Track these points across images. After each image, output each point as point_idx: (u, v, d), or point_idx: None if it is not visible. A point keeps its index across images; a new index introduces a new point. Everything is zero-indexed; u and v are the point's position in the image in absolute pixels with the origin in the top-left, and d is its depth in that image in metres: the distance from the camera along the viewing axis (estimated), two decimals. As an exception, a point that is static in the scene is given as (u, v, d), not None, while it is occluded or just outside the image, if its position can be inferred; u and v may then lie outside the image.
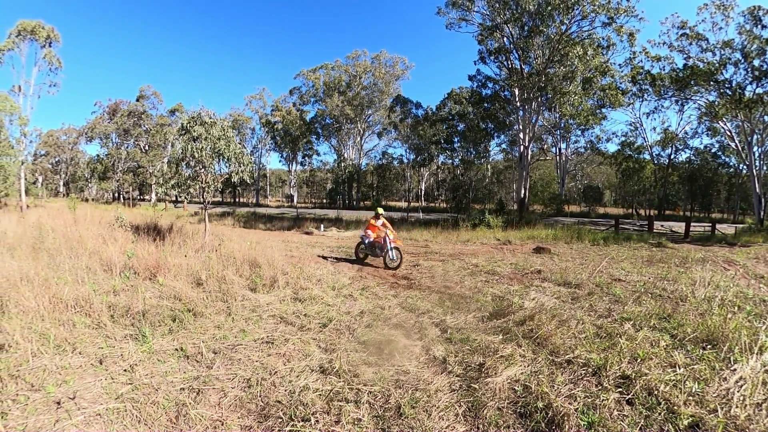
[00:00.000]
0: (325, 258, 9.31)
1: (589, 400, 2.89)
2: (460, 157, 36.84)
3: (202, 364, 3.35)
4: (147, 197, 50.44)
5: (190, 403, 2.73)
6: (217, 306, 4.72)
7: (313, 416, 2.64)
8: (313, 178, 56.78)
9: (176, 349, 3.57)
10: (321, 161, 51.79)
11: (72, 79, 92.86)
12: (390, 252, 8.50)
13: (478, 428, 2.59)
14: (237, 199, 56.35)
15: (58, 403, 2.64)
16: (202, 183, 8.60)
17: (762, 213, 27.13)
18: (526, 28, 20.79)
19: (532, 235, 16.19)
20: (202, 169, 8.59)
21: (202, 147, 8.23)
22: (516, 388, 3.05)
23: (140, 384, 2.93)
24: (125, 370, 3.12)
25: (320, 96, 44.90)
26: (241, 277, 5.77)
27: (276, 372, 3.23)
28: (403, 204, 47.85)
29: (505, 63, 22.97)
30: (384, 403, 2.84)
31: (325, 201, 54.09)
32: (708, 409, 2.74)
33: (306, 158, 50.15)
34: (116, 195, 49.08)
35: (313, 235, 16.00)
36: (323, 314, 4.73)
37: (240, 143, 9.21)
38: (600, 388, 3.08)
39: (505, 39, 22.32)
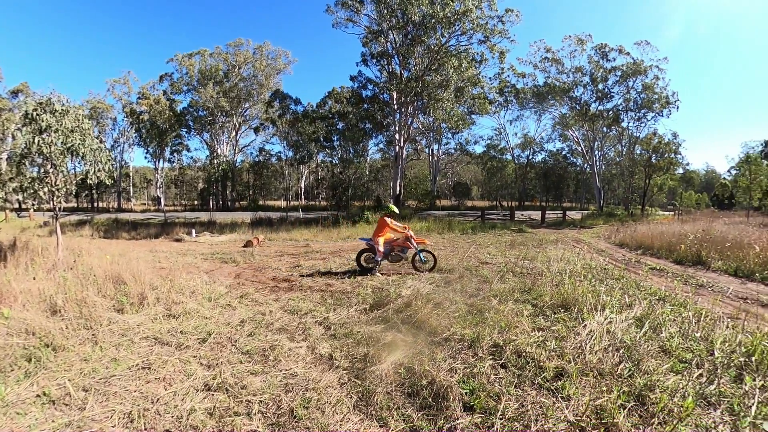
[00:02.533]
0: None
1: (468, 370, 3.25)
2: (339, 156, 37.33)
3: (72, 406, 2.82)
4: (-19, 206, 38.17)
5: (64, 454, 2.28)
6: (80, 335, 3.98)
7: (203, 437, 2.46)
8: (183, 177, 49.96)
9: (38, 395, 2.92)
10: (192, 158, 46.12)
11: None
12: (419, 255, 7.81)
13: (371, 415, 2.72)
14: (95, 204, 46.73)
15: None
16: (51, 186, 7.00)
17: (601, 201, 35.58)
18: (409, 36, 22.20)
19: (408, 228, 17.56)
20: (52, 169, 7.00)
21: (52, 141, 6.70)
22: (401, 371, 3.26)
23: (-2, 447, 2.34)
24: (-25, 435, 2.46)
25: (194, 85, 40.33)
26: (104, 297, 4.92)
27: (158, 399, 2.91)
28: (283, 203, 46.23)
29: (386, 67, 24.16)
30: (276, 409, 2.79)
31: (196, 203, 48.78)
32: (567, 359, 3.36)
33: (175, 154, 43.96)
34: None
35: (185, 242, 14.53)
36: (201, 329, 4.36)
37: (98, 137, 7.74)
38: (476, 358, 3.49)
39: (388, 44, 23.52)
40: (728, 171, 49.32)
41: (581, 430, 2.41)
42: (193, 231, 16.91)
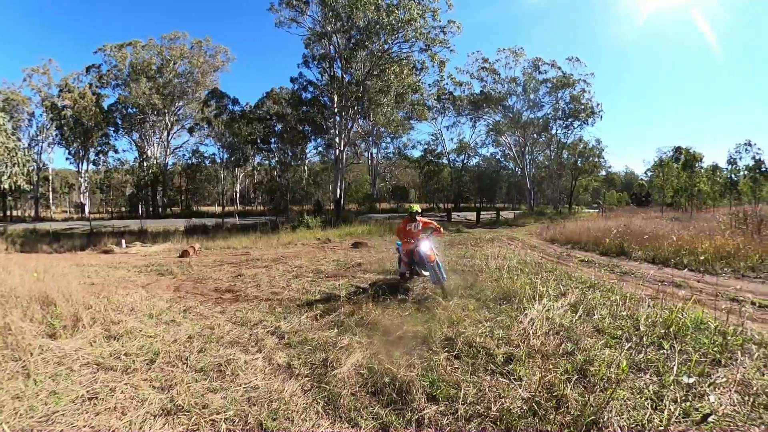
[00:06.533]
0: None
1: (425, 364, 3.43)
2: (277, 159, 36.22)
3: (13, 454, 2.42)
4: None
5: None
6: (8, 368, 3.46)
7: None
8: (110, 181, 44.95)
9: (-33, 448, 2.45)
10: (119, 160, 41.51)
11: None
12: (438, 271, 5.71)
13: (340, 417, 2.79)
14: (8, 213, 40.27)
15: None
16: (-42, 192, 6.01)
17: (532, 202, 39.07)
18: (352, 40, 22.38)
19: (350, 232, 17.63)
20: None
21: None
22: (362, 372, 3.36)
23: None
24: None
25: (125, 79, 36.76)
26: (32, 321, 4.36)
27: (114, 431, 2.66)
28: (217, 209, 43.92)
29: (327, 70, 24.18)
30: (244, 425, 2.72)
31: (124, 209, 44.50)
32: (514, 345, 3.72)
33: (101, 155, 39.62)
34: None
35: (115, 254, 13.34)
36: (147, 348, 4.04)
37: (13, 134, 6.79)
38: (431, 352, 3.69)
39: (331, 47, 23.52)
40: (645, 172, 55.36)
41: (537, 404, 2.70)
42: (123, 241, 15.55)
